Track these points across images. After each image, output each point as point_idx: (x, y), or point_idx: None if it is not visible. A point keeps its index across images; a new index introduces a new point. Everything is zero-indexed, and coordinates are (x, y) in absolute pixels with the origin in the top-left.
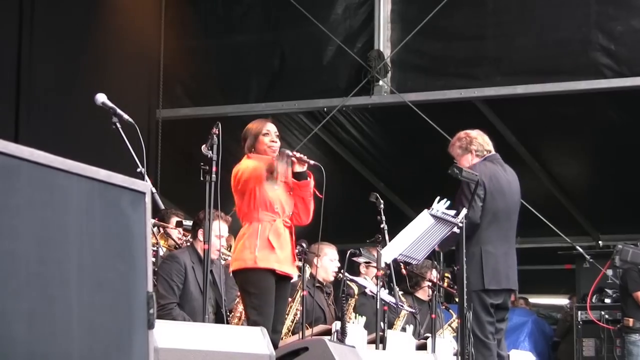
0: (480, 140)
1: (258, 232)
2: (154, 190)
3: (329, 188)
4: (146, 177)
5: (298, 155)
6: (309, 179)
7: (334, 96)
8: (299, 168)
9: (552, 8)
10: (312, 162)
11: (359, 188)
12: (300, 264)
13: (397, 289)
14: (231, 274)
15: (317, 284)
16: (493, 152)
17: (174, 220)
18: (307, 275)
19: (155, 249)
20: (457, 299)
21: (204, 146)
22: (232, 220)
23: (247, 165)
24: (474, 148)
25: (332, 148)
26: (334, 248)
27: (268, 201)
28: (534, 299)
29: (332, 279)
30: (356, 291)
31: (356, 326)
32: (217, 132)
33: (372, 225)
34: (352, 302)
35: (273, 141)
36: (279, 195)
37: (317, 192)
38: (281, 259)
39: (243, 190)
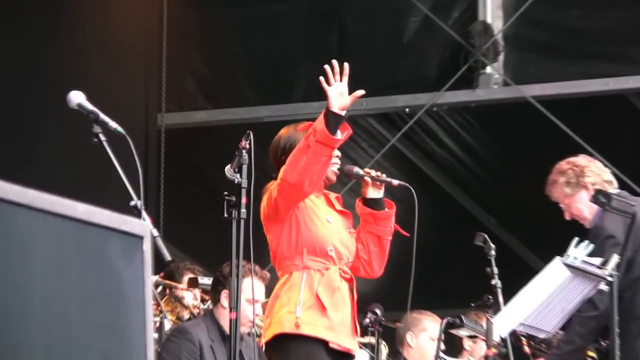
0: (594, 168)
1: (302, 285)
2: (155, 232)
3: (411, 224)
4: (144, 213)
5: (374, 173)
6: (388, 209)
7: (420, 91)
8: (374, 192)
9: None
10: (395, 182)
11: (458, 225)
12: (373, 339)
13: None
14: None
15: None
16: (615, 184)
17: (187, 277)
18: (384, 356)
19: (158, 320)
20: None
21: (228, 167)
22: (270, 276)
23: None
24: (590, 181)
25: (416, 165)
26: (438, 321)
27: (318, 241)
28: None
29: None
30: None
31: None
32: (247, 146)
33: (478, 280)
34: None
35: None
36: (335, 233)
37: (399, 229)
38: (335, 325)
39: (277, 217)
